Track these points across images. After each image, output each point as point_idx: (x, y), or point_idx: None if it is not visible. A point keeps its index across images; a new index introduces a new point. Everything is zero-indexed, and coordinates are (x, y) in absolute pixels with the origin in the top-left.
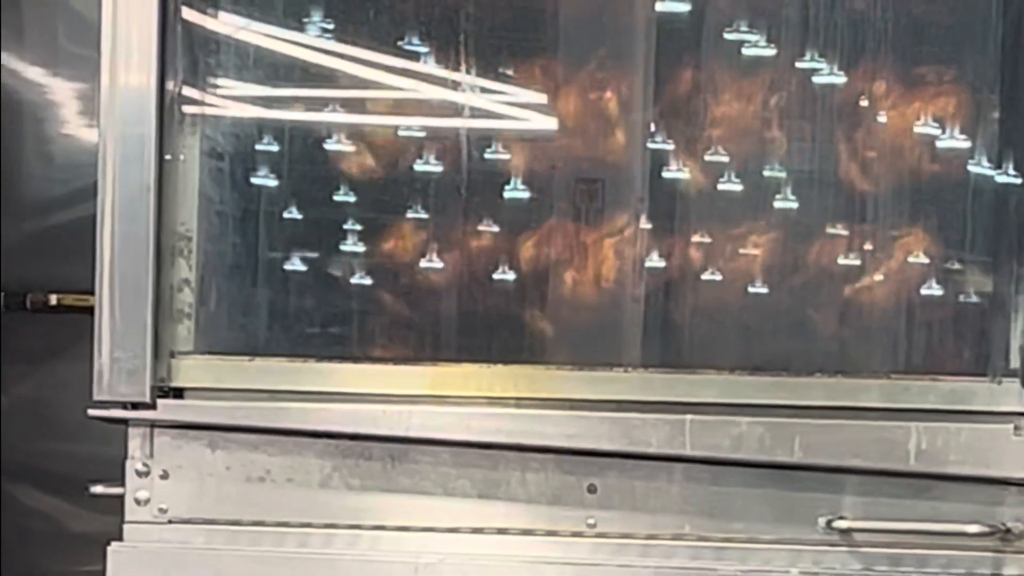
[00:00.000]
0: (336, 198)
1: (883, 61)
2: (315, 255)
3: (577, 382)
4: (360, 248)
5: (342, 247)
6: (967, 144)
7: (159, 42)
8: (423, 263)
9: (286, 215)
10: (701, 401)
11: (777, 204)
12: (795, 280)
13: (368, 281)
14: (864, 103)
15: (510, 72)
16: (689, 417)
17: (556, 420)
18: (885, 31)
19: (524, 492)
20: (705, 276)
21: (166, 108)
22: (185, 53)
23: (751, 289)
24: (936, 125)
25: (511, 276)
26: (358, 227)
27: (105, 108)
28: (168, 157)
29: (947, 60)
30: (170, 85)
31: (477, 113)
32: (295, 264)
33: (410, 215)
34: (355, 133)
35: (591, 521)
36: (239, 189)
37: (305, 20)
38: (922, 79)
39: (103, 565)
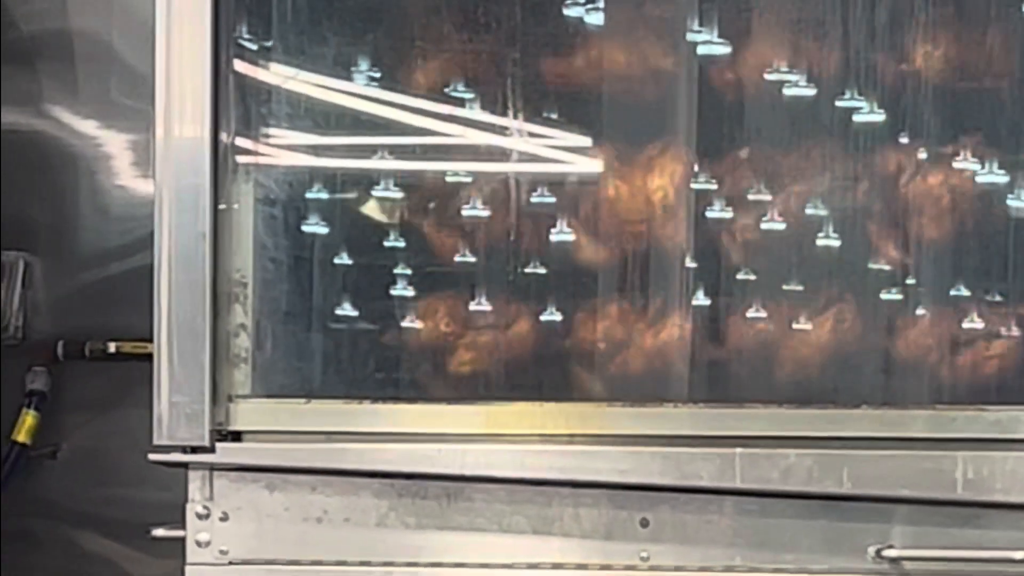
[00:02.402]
0: (386, 243)
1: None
2: (367, 299)
3: (627, 418)
4: (411, 292)
5: (393, 292)
6: (1006, 179)
7: (212, 94)
8: (472, 306)
9: (337, 261)
10: (750, 434)
11: (820, 242)
12: (840, 313)
13: (420, 323)
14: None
15: (555, 116)
16: (739, 450)
17: (608, 456)
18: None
19: (578, 527)
20: (750, 313)
21: (220, 158)
22: (237, 104)
23: (795, 325)
24: (975, 160)
25: (559, 317)
26: (408, 271)
27: (161, 159)
28: (223, 206)
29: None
30: (223, 136)
31: (524, 157)
32: (346, 309)
33: (458, 259)
34: (403, 179)
35: (644, 555)
36: (292, 235)
37: (353, 69)
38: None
39: None
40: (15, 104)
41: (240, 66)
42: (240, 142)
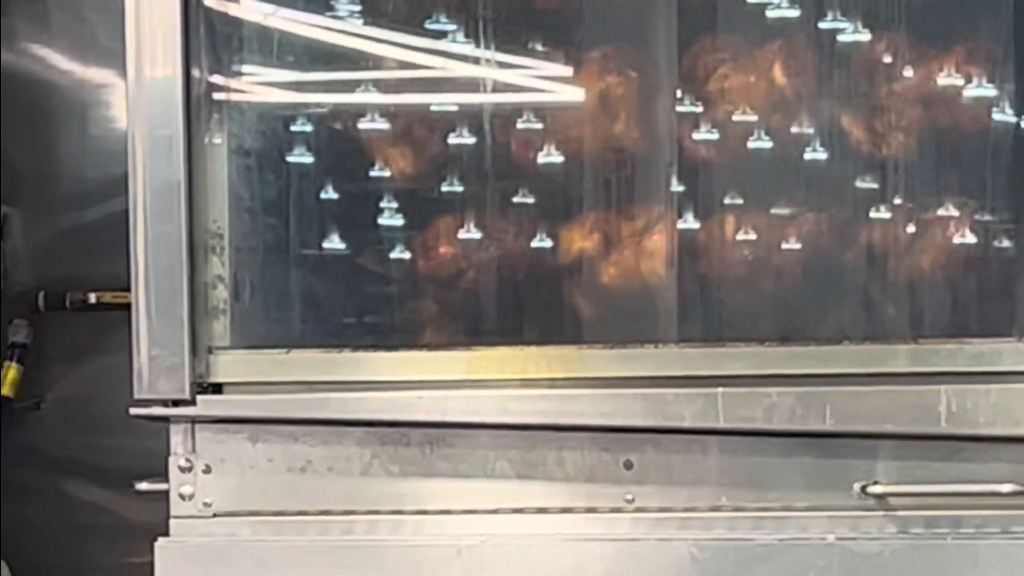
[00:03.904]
0: (372, 173)
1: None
2: (345, 247)
3: (609, 360)
4: (391, 235)
5: (373, 237)
6: (993, 92)
7: (183, 31)
8: (461, 234)
9: (315, 205)
10: (732, 374)
11: (807, 156)
12: (824, 246)
13: (400, 269)
14: (888, 60)
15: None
16: (721, 390)
17: (590, 399)
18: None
19: (562, 471)
20: (740, 236)
21: (193, 99)
22: (208, 42)
23: (780, 257)
24: (959, 75)
25: (548, 245)
26: (390, 219)
27: (132, 100)
28: (197, 156)
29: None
30: (196, 75)
31: (504, 88)
32: (326, 252)
33: (445, 192)
34: (387, 114)
35: (629, 497)
36: (267, 184)
37: (331, 2)
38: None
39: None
40: None
41: (211, 2)
42: (214, 81)
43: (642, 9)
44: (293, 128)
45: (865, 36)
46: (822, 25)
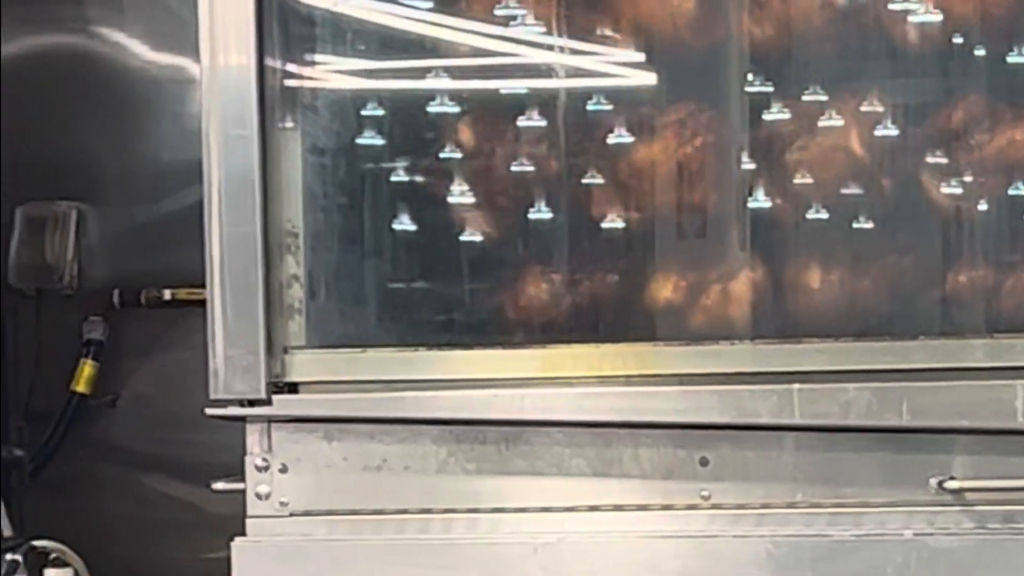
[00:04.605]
0: (450, 200)
1: None
2: (420, 242)
3: (684, 357)
4: (466, 236)
5: (449, 236)
6: None
7: (256, 19)
8: (531, 214)
9: (388, 203)
10: (808, 370)
11: (877, 132)
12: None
13: (475, 268)
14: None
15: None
16: (797, 386)
17: (666, 396)
18: None
19: (638, 468)
20: (810, 215)
21: (267, 90)
22: (281, 30)
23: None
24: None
25: (620, 225)
26: (466, 215)
27: (207, 88)
28: (271, 147)
29: None
30: (270, 64)
31: (578, 72)
32: (399, 251)
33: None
34: (458, 98)
35: (705, 493)
36: (341, 183)
37: None
38: None
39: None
40: (61, 30)
41: None
42: (288, 69)
43: None
44: (364, 115)
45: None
46: None
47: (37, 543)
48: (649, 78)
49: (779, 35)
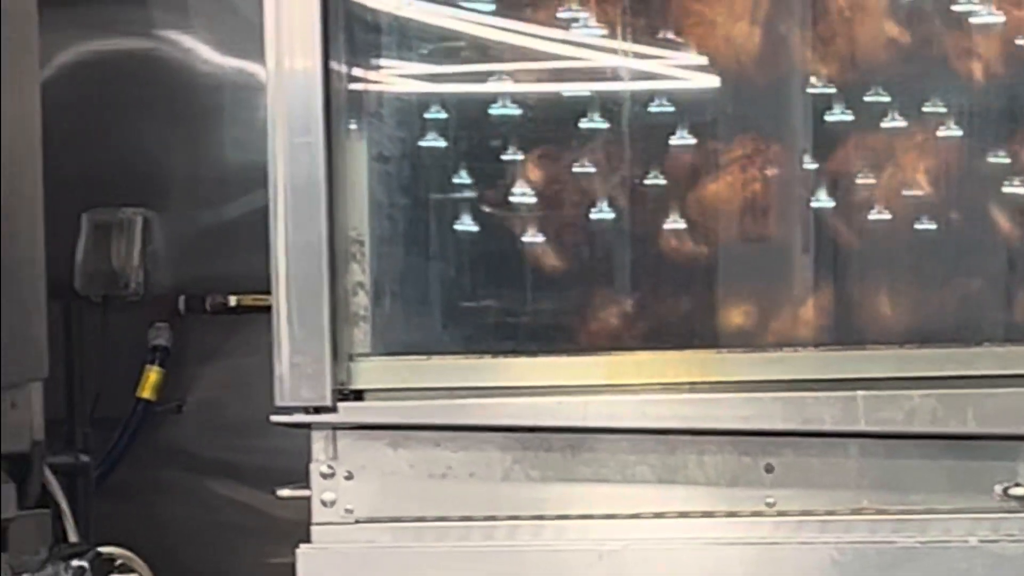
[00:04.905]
0: (510, 197)
1: None
2: (485, 252)
3: (749, 364)
4: (531, 242)
5: (514, 245)
6: None
7: (322, 24)
8: (593, 214)
9: (452, 210)
10: (872, 376)
11: (941, 133)
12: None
13: (539, 276)
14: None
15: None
16: (861, 393)
17: (730, 403)
18: None
19: (703, 475)
20: (872, 215)
21: (332, 94)
22: (347, 35)
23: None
24: None
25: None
26: (529, 226)
27: (272, 93)
28: (336, 153)
29: None
30: (335, 68)
31: (640, 75)
32: (463, 258)
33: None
34: (521, 101)
35: (770, 500)
36: (407, 191)
37: None
38: None
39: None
40: (127, 34)
41: None
42: (353, 73)
43: None
44: (427, 119)
45: None
46: None
47: (103, 549)
48: (712, 80)
49: (844, 69)
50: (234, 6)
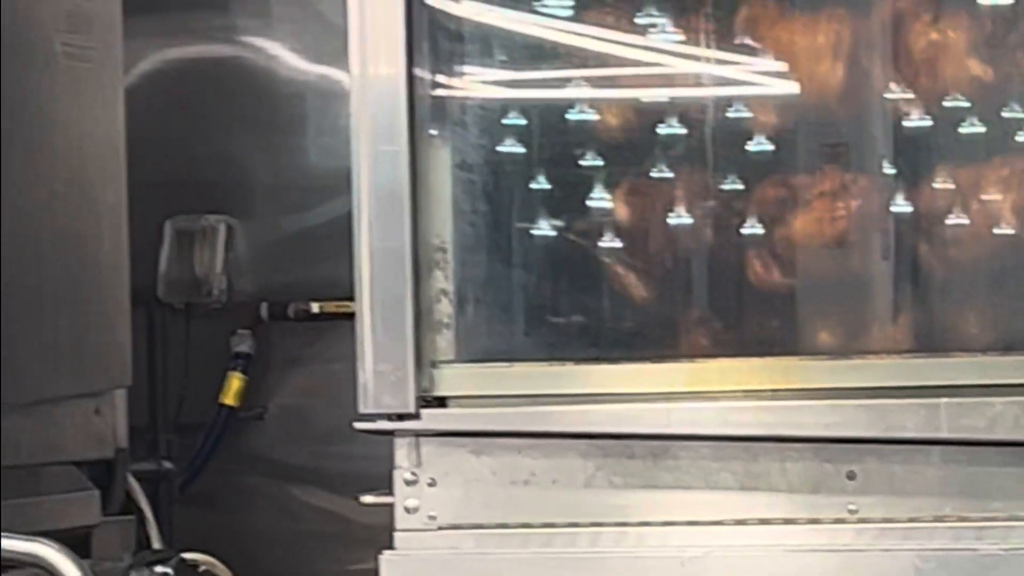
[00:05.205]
0: (590, 203)
1: None
2: (567, 259)
3: (831, 371)
4: (613, 248)
5: (596, 253)
6: None
7: (406, 29)
8: (670, 219)
9: (534, 215)
10: (955, 384)
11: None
12: None
13: (621, 284)
14: None
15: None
16: (944, 400)
17: (813, 410)
18: None
19: (784, 482)
20: (951, 220)
21: (416, 101)
22: (431, 42)
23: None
24: None
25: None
26: (611, 234)
27: (356, 100)
28: (420, 161)
29: None
30: (419, 75)
31: (718, 81)
32: (546, 265)
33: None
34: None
35: (852, 507)
36: (489, 199)
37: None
38: None
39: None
40: (210, 40)
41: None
42: (437, 80)
43: None
44: (508, 125)
45: None
46: None
47: (187, 556)
48: (792, 87)
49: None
50: (318, 12)
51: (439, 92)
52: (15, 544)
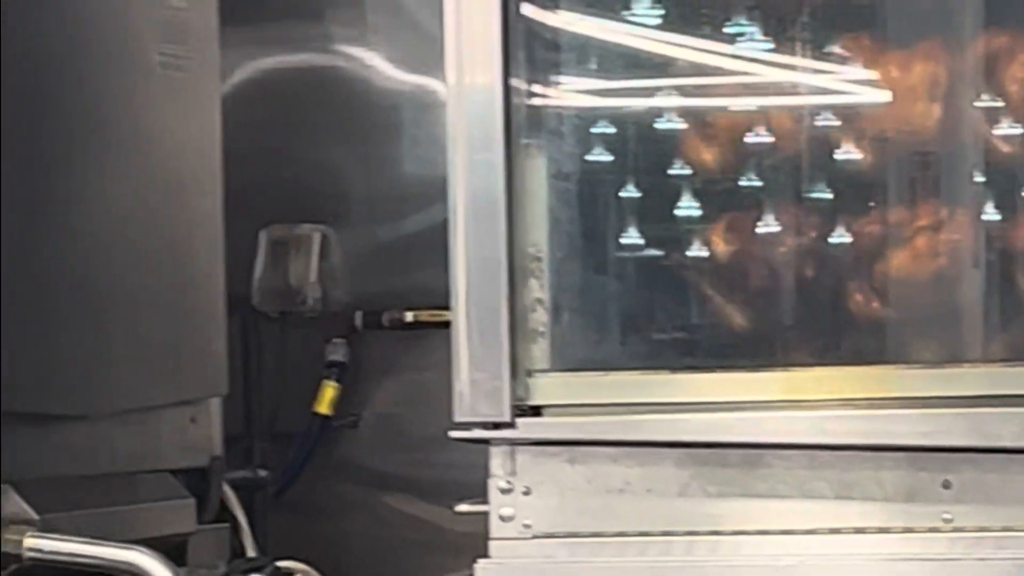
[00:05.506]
0: (678, 212)
1: None
2: (662, 271)
3: (926, 380)
4: (704, 255)
5: (688, 262)
6: None
7: (502, 38)
8: (760, 229)
9: (629, 223)
10: None
11: None
12: None
13: (716, 291)
14: None
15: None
16: None
17: (908, 419)
18: None
19: (879, 491)
20: None
21: (512, 110)
22: (526, 51)
23: None
24: None
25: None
26: (702, 244)
27: (452, 109)
28: (516, 169)
29: None
30: (515, 85)
31: (808, 90)
32: (641, 275)
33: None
34: (694, 115)
35: (947, 516)
36: (585, 208)
37: (635, 9)
38: None
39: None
40: (305, 49)
41: (529, 10)
42: (532, 90)
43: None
44: (601, 133)
45: None
46: None
47: (281, 563)
48: (883, 95)
49: None
50: (414, 22)
51: (535, 101)
52: (112, 552)
